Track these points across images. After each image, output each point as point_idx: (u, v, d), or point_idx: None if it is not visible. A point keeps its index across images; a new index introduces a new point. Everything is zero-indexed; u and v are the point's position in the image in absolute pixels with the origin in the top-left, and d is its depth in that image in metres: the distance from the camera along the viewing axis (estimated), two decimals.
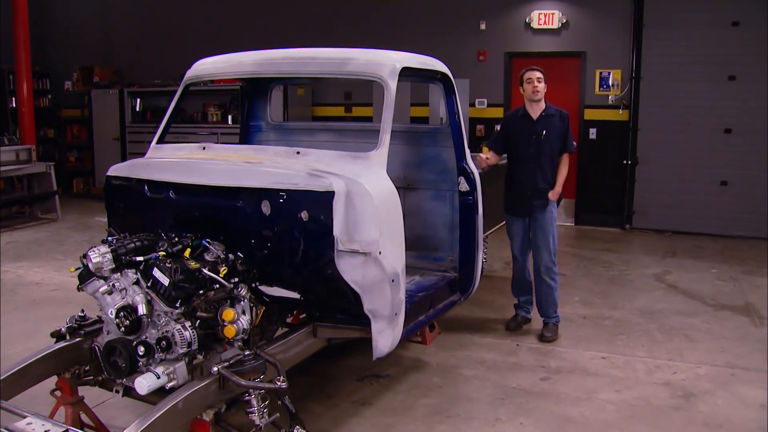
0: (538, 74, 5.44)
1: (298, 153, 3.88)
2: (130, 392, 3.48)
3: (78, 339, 3.66)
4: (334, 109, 11.93)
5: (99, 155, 13.11)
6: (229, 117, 11.77)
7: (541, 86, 5.45)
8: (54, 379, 3.70)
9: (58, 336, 3.73)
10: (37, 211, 11.06)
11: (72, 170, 13.92)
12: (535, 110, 5.51)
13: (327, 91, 12.00)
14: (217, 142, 6.34)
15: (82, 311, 3.80)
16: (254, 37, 11.28)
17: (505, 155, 5.74)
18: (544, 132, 5.46)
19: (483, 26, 10.85)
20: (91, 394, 3.81)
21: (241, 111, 11.00)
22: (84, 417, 3.75)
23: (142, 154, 4.76)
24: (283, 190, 3.55)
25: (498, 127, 5.83)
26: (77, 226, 10.49)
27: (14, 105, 12.92)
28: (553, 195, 5.51)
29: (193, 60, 4.91)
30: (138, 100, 12.75)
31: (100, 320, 3.68)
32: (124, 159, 12.02)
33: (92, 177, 13.44)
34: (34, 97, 12.10)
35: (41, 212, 11.05)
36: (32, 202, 11.06)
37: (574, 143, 5.71)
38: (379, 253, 3.52)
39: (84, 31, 14.00)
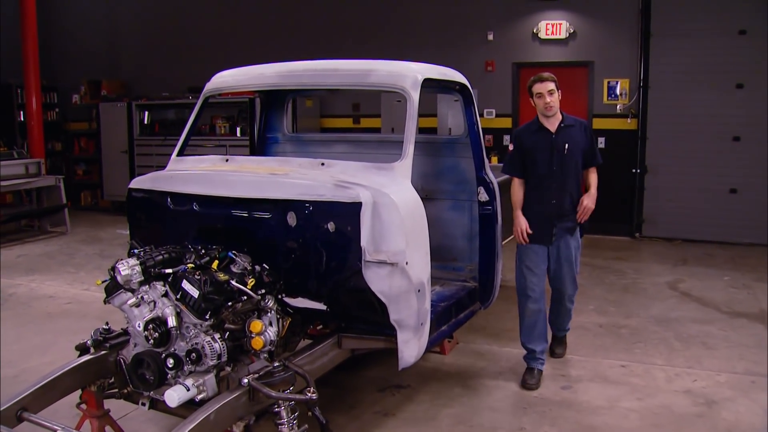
0: (550, 86, 4.72)
1: (322, 164, 3.89)
2: (156, 405, 3.48)
3: (103, 352, 3.65)
4: (342, 121, 11.98)
5: (107, 168, 13.12)
6: (238, 129, 11.78)
7: (554, 99, 4.75)
8: (76, 392, 3.68)
9: (82, 349, 3.72)
10: (47, 224, 11.08)
11: (79, 183, 13.96)
12: (552, 122, 4.83)
13: (335, 103, 12.05)
14: (226, 154, 6.38)
15: (107, 324, 3.79)
16: (261, 49, 11.34)
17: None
18: (567, 145, 4.79)
19: (490, 37, 10.91)
20: (113, 407, 3.79)
21: (250, 123, 11.18)
22: (109, 430, 3.75)
23: (151, 167, 4.80)
24: (309, 202, 3.56)
25: (510, 147, 5.02)
26: (87, 239, 10.51)
27: (22, 119, 13.01)
28: (589, 202, 4.87)
29: (201, 73, 4.94)
30: (146, 113, 12.75)
31: (125, 333, 3.69)
32: (132, 172, 12.11)
33: (100, 190, 13.43)
34: (42, 111, 12.14)
35: (50, 225, 11.06)
36: (42, 216, 11.09)
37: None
38: (406, 263, 3.53)
39: (91, 44, 14.08)
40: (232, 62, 5.38)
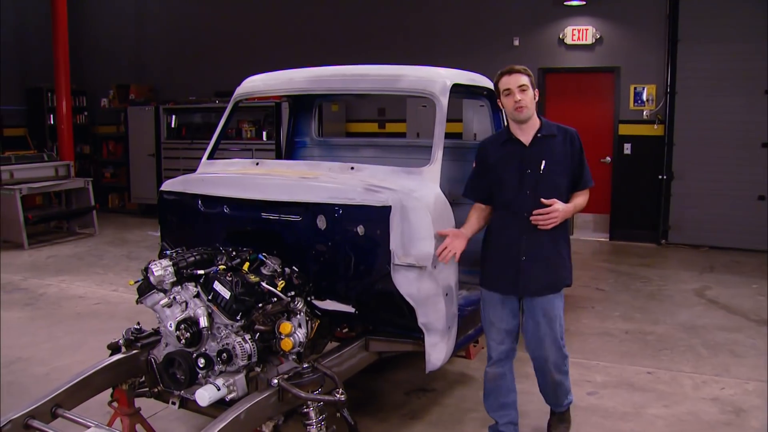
0: (522, 79, 3.56)
1: (352, 168, 3.93)
2: (186, 404, 3.53)
3: (135, 351, 3.71)
4: (367, 125, 12.03)
5: (134, 171, 13.25)
6: (264, 133, 11.86)
7: (528, 97, 3.57)
8: (108, 390, 3.74)
9: (114, 348, 3.78)
10: (75, 226, 11.24)
11: (107, 186, 14.12)
12: (527, 132, 3.67)
13: (361, 108, 12.12)
14: (252, 158, 6.43)
15: (138, 324, 3.86)
16: (286, 54, 11.45)
17: None
18: (544, 162, 3.61)
19: (516, 42, 10.89)
20: (143, 405, 3.85)
21: (276, 127, 11.23)
22: (139, 428, 3.81)
23: (177, 170, 4.85)
24: (339, 205, 3.60)
25: (474, 164, 3.95)
26: (114, 240, 10.64)
27: (52, 122, 13.24)
28: (561, 208, 3.58)
29: (227, 77, 4.98)
30: (173, 116, 12.86)
31: (156, 333, 3.75)
32: (159, 175, 12.23)
33: (127, 193, 13.59)
34: (72, 115, 12.34)
35: (79, 227, 11.22)
36: (70, 218, 11.26)
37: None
38: (434, 267, 3.55)
39: (120, 49, 14.29)
40: (258, 67, 5.45)
